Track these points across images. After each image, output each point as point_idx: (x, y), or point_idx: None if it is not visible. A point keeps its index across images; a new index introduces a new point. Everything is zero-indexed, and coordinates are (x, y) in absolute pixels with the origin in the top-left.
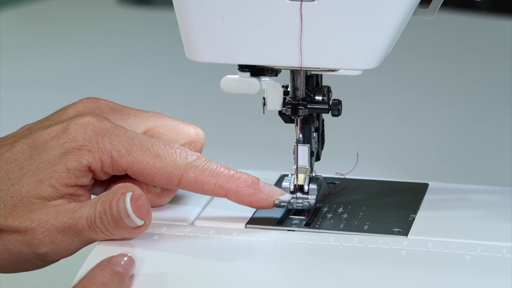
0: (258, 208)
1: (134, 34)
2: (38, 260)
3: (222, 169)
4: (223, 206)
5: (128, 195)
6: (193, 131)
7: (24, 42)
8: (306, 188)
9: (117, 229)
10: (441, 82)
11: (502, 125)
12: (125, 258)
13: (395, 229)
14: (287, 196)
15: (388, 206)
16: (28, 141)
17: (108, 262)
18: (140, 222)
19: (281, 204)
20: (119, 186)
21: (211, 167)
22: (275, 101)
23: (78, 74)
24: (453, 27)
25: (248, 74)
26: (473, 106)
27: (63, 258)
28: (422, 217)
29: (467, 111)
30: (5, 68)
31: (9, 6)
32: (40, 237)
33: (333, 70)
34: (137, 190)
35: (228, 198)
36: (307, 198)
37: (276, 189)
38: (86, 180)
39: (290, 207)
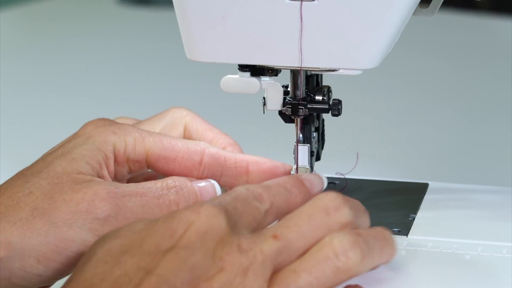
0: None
1: (134, 34)
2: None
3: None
4: None
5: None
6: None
7: (24, 42)
8: None
9: None
10: (441, 82)
11: (502, 125)
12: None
13: (395, 229)
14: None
15: (388, 206)
16: None
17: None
18: None
19: None
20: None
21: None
22: (275, 101)
23: (78, 74)
24: (453, 27)
25: (248, 74)
26: (473, 106)
27: None
28: (422, 217)
29: (467, 111)
30: (5, 68)
31: (9, 6)
32: None
33: (333, 70)
34: None
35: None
36: None
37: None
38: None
39: None
